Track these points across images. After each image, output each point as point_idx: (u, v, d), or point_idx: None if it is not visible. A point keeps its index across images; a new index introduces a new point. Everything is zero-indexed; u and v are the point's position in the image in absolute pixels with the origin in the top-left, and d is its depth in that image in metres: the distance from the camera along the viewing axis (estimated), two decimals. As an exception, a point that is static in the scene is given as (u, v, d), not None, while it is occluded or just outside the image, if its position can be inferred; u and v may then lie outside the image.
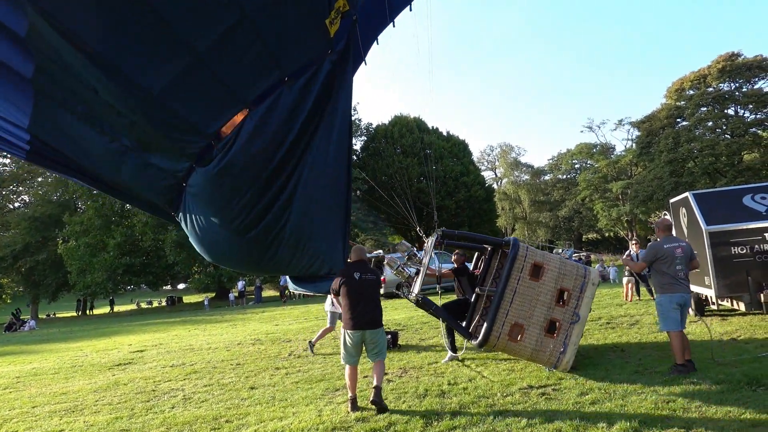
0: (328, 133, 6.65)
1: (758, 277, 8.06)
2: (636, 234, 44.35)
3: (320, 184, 6.88)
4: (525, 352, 6.25)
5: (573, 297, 6.27)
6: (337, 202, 7.38)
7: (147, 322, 22.80)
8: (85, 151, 5.94)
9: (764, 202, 8.49)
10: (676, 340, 5.83)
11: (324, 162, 6.76)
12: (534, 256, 6.44)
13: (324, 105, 6.44)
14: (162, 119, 5.57)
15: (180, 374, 8.33)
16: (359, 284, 5.64)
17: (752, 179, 30.67)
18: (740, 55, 35.60)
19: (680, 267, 5.94)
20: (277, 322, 15.81)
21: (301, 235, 7.01)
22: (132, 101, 5.29)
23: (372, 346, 5.66)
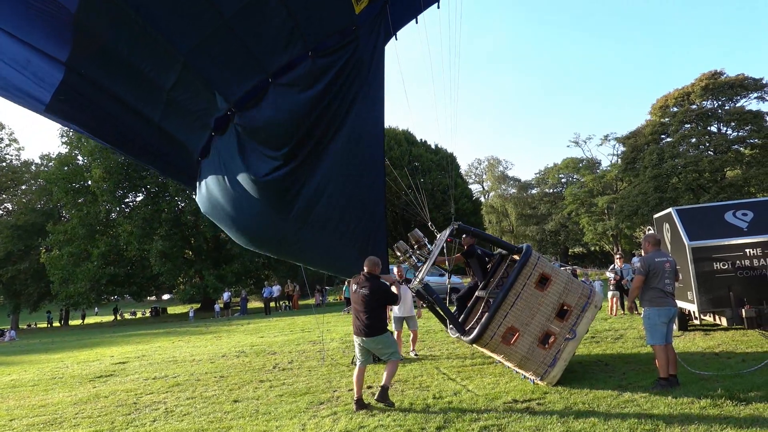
0: (364, 107, 6.56)
1: (740, 293, 8.15)
2: (621, 248, 44.71)
3: (355, 164, 6.82)
4: (515, 357, 6.25)
5: (573, 314, 6.29)
6: (372, 191, 7.24)
7: (130, 333, 22.50)
8: (126, 79, 5.78)
9: (745, 218, 8.62)
10: (661, 355, 5.87)
11: (351, 150, 6.68)
12: (543, 266, 6.47)
13: (354, 81, 6.37)
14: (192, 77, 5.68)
15: (162, 387, 8.22)
16: (355, 296, 6.21)
17: (735, 195, 31.11)
18: (723, 74, 36.26)
19: (668, 281, 6.02)
20: (262, 334, 15.69)
21: (330, 216, 6.93)
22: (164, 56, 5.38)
23: (378, 352, 6.22)
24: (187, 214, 32.83)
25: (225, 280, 31.87)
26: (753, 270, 8.13)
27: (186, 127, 6.46)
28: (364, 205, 7.34)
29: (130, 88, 5.98)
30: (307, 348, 11.40)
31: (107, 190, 31.89)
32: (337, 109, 6.40)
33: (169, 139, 6.69)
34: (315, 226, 7.00)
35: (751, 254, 8.16)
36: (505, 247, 7.40)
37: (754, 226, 8.49)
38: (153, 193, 34.62)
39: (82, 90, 5.85)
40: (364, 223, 7.49)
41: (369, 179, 7.21)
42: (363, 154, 6.94)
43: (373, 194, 7.40)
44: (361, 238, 7.57)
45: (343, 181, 6.93)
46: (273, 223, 6.99)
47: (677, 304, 6.10)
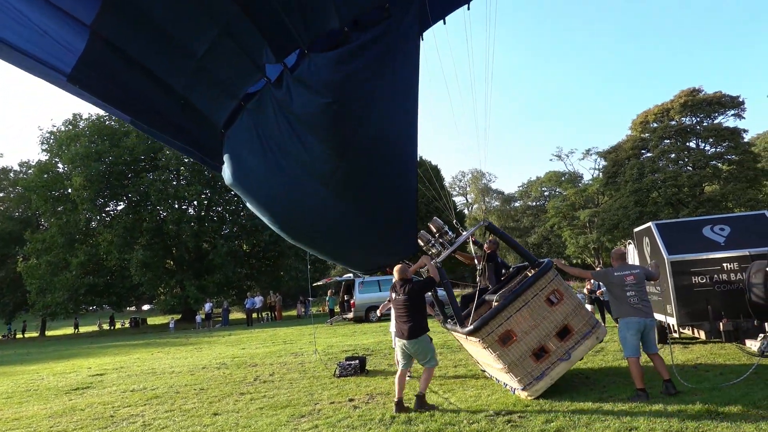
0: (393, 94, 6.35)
1: (718, 306, 8.28)
2: (602, 262, 45.18)
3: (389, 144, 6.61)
4: (505, 359, 6.24)
5: (573, 338, 6.31)
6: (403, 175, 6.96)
7: (108, 344, 22.12)
8: (154, 45, 5.58)
9: (722, 233, 8.78)
10: (634, 367, 5.96)
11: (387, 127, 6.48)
12: (559, 284, 6.51)
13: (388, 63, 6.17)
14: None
15: (140, 399, 8.08)
16: (395, 303, 6.56)
17: (713, 210, 31.70)
18: (701, 91, 37.10)
19: (631, 293, 6.11)
20: (243, 346, 15.53)
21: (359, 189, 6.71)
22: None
23: (415, 355, 6.39)
24: (169, 223, 32.48)
25: (207, 291, 31.53)
26: (730, 284, 8.26)
27: (211, 99, 6.32)
28: (396, 205, 7.15)
29: (156, 56, 5.74)
30: (288, 360, 11.31)
31: (88, 199, 31.46)
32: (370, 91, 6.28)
33: (191, 112, 6.48)
34: (350, 200, 6.81)
35: (728, 268, 8.30)
36: (528, 258, 7.29)
37: (730, 240, 8.65)
38: (134, 202, 34.23)
39: (105, 59, 5.59)
40: (394, 214, 7.27)
41: (400, 174, 6.94)
42: (393, 149, 6.79)
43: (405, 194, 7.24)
44: (391, 226, 7.28)
45: (375, 172, 6.76)
46: (309, 193, 6.82)
47: (649, 315, 6.17)
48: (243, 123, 6.49)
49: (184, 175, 34.30)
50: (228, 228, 35.88)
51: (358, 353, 10.88)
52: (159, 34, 5.55)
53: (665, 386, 6.01)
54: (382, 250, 7.71)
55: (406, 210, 7.18)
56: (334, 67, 5.90)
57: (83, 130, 33.78)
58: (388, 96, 6.32)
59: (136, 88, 6.10)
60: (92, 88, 6.03)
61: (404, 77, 6.42)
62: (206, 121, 6.60)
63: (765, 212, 9.16)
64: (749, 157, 35.26)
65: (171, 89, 6.07)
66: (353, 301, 22.06)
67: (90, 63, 5.52)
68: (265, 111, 6.24)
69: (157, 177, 32.04)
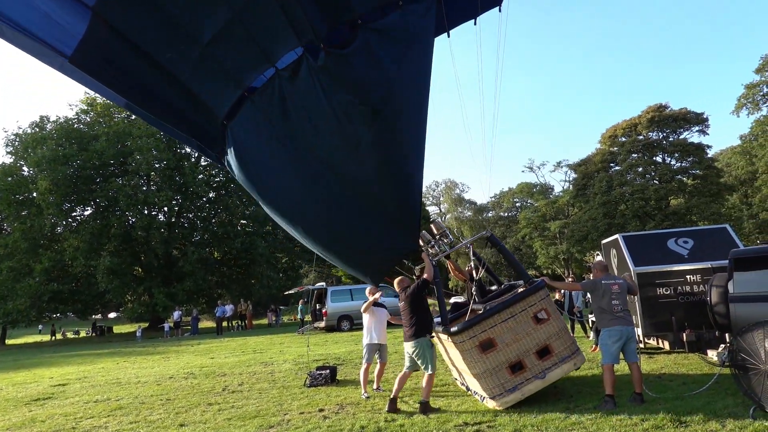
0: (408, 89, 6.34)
1: (681, 317, 8.49)
2: (572, 272, 45.91)
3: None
4: (481, 366, 6.28)
5: (551, 359, 6.36)
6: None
7: (72, 353, 21.50)
8: (159, 29, 5.43)
9: (686, 246, 9.03)
10: (608, 373, 6.11)
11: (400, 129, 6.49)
12: (548, 305, 6.57)
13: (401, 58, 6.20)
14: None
15: (104, 410, 7.88)
16: (400, 309, 6.86)
17: (678, 223, 32.55)
18: (667, 107, 38.22)
19: (617, 302, 6.26)
20: (212, 355, 15.28)
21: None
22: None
23: (415, 358, 6.59)
24: (138, 229, 31.87)
25: (176, 299, 30.97)
26: (693, 295, 8.49)
27: (214, 88, 6.21)
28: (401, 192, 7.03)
29: (160, 41, 5.59)
30: (258, 369, 11.17)
31: (53, 203, 30.67)
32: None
33: (193, 100, 6.30)
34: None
35: (692, 280, 8.54)
36: (522, 274, 7.37)
37: (693, 253, 8.90)
38: (102, 207, 33.52)
39: (106, 42, 5.43)
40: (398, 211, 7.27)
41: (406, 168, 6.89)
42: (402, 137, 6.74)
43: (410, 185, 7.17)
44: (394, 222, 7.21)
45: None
46: (320, 183, 6.73)
47: (631, 324, 6.33)
48: (248, 113, 6.40)
49: (155, 181, 33.75)
50: (199, 235, 35.39)
51: (329, 363, 10.81)
52: (164, 18, 5.42)
53: (634, 396, 6.12)
54: (386, 243, 7.58)
55: (412, 201, 7.12)
56: (352, 60, 5.93)
57: (50, 133, 32.96)
58: (400, 94, 6.36)
59: (137, 73, 5.90)
60: (93, 72, 5.83)
61: (416, 74, 6.46)
62: (208, 110, 6.47)
63: (726, 226, 9.46)
64: (713, 172, 36.39)
65: (173, 76, 5.93)
66: (325, 310, 21.93)
67: (91, 46, 5.36)
68: (272, 101, 6.20)
69: (127, 182, 31.45)
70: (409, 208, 6.92)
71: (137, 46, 5.59)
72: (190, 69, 5.86)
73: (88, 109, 34.88)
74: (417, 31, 6.21)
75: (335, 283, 39.04)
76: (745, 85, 37.50)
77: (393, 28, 6.05)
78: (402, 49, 6.21)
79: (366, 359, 7.93)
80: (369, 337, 8.01)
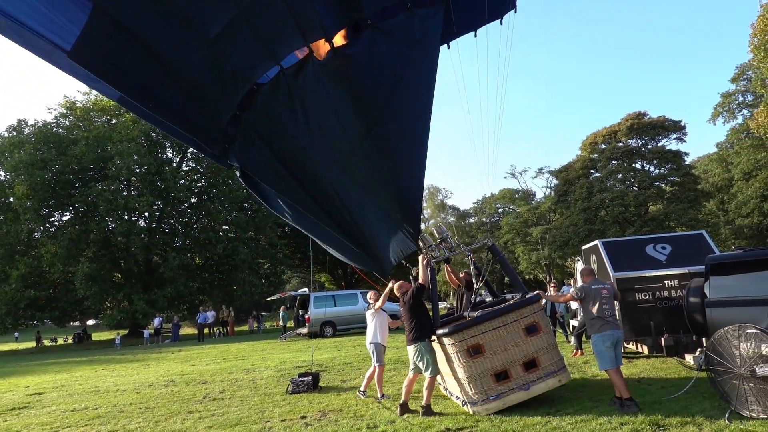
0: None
1: (659, 322, 8.62)
2: (554, 277, 46.30)
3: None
4: (466, 371, 6.32)
5: (537, 373, 6.39)
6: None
7: (49, 361, 21.08)
8: (163, 21, 5.26)
9: (664, 251, 9.18)
10: (616, 377, 6.16)
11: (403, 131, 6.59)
12: (541, 319, 6.62)
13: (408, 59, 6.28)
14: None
15: (82, 419, 7.74)
16: (402, 314, 7.09)
17: (656, 229, 33.03)
18: (646, 115, 38.84)
19: (606, 306, 6.36)
20: (193, 362, 15.11)
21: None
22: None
23: (415, 360, 6.76)
24: (118, 235, 31.40)
25: (156, 305, 30.54)
26: (671, 300, 8.63)
27: (221, 83, 6.18)
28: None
29: (165, 34, 5.43)
30: (240, 377, 11.07)
31: (31, 208, 30.11)
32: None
33: (197, 96, 6.28)
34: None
35: (669, 285, 8.68)
36: (518, 286, 7.44)
37: (671, 259, 9.06)
38: (81, 213, 32.97)
39: (107, 35, 5.21)
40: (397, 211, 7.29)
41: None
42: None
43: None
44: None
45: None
46: (331, 173, 6.80)
47: (620, 328, 6.42)
48: (259, 106, 6.38)
49: (135, 186, 33.33)
50: (180, 240, 34.98)
51: (311, 369, 10.76)
52: (169, 11, 5.30)
53: (616, 400, 6.17)
54: (386, 242, 7.59)
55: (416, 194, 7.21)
56: (357, 59, 5.95)
57: (28, 137, 32.39)
58: (404, 96, 6.43)
59: (140, 69, 5.78)
60: (92, 66, 5.68)
61: (422, 77, 6.54)
62: (212, 105, 6.43)
63: (703, 232, 9.64)
64: (690, 179, 37.02)
65: (179, 71, 5.86)
66: (308, 316, 21.83)
67: (92, 39, 5.16)
68: (279, 96, 6.19)
69: (107, 187, 30.98)
70: (409, 209, 6.99)
71: (140, 38, 5.48)
72: (195, 63, 5.83)
73: (68, 112, 34.37)
74: (424, 35, 6.32)
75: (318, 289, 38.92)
76: (721, 94, 38.33)
77: (400, 30, 6.14)
78: (408, 51, 6.30)
79: (379, 361, 7.85)
80: (373, 336, 8.00)
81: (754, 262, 6.57)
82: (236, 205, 35.28)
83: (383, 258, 7.90)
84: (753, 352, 5.12)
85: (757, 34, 22.09)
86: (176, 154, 36.86)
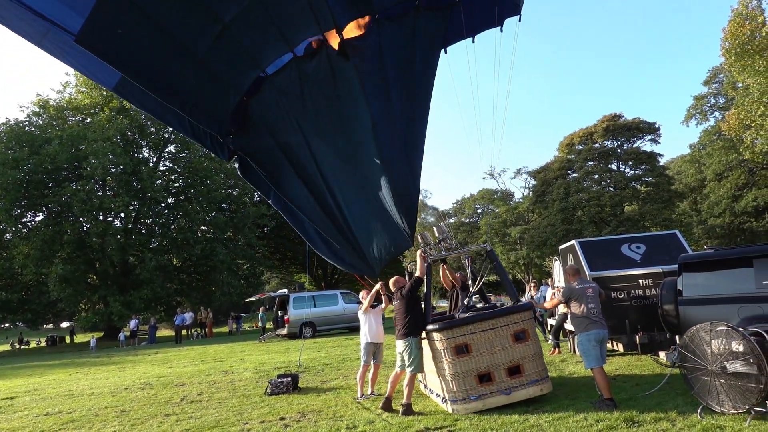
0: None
1: (634, 320, 8.77)
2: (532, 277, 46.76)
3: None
4: (451, 368, 6.38)
5: (520, 380, 6.44)
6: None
7: (21, 364, 20.61)
8: (178, 3, 5.26)
9: (639, 251, 9.34)
10: (600, 376, 6.22)
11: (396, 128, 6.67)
12: (531, 327, 6.68)
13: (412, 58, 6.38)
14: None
15: (55, 423, 7.59)
16: (395, 309, 7.07)
17: (632, 229, 33.59)
18: (621, 117, 39.49)
19: (592, 305, 6.45)
20: (170, 365, 14.92)
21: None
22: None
23: (403, 355, 6.80)
24: (93, 236, 30.85)
25: (132, 307, 30.06)
26: (645, 299, 8.79)
27: (233, 66, 6.12)
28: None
29: (179, 15, 5.38)
30: (218, 378, 10.97)
31: (2, 209, 29.38)
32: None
33: (208, 77, 6.15)
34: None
35: (644, 284, 8.83)
36: (511, 294, 7.54)
37: (646, 258, 9.22)
38: (55, 213, 32.32)
39: (119, 15, 5.14)
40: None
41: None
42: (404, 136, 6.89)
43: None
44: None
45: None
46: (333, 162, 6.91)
47: (605, 327, 6.50)
48: (268, 91, 6.48)
49: (111, 186, 32.80)
50: (157, 241, 34.50)
51: (290, 370, 10.71)
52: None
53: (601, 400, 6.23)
54: (382, 235, 7.62)
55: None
56: (364, 52, 6.08)
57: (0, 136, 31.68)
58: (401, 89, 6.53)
59: (150, 51, 5.68)
60: (99, 52, 5.47)
61: (422, 73, 6.62)
62: (222, 89, 6.38)
63: (676, 232, 9.83)
64: (664, 180, 37.74)
65: (191, 53, 5.79)
66: (287, 317, 21.70)
67: (102, 19, 5.10)
68: (288, 84, 6.28)
69: (81, 187, 30.40)
70: (407, 201, 7.06)
71: (152, 18, 5.39)
72: (209, 45, 5.79)
73: (41, 111, 33.66)
74: (427, 35, 6.41)
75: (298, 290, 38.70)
76: (694, 97, 39.18)
77: (406, 28, 6.23)
78: (411, 49, 6.40)
79: (364, 360, 7.91)
80: (366, 336, 7.91)
81: (725, 261, 6.73)
82: (214, 205, 34.94)
83: (373, 258, 7.89)
84: (724, 349, 5.23)
85: (728, 38, 22.59)
86: (153, 153, 36.39)
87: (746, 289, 6.22)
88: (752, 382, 5.00)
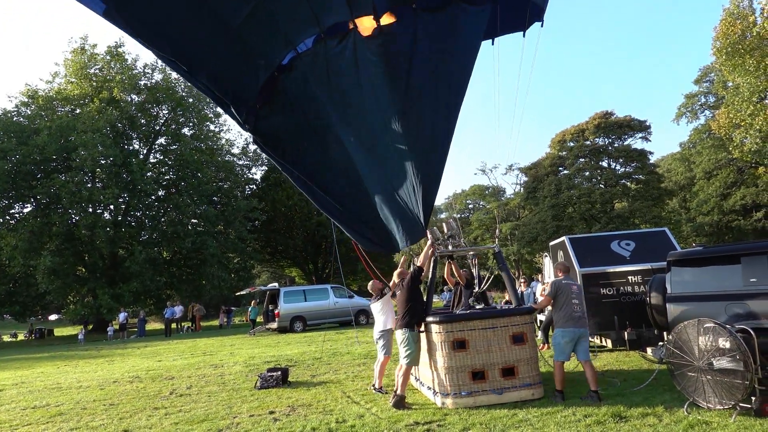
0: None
1: (623, 316, 8.84)
2: (522, 272, 46.98)
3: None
4: (446, 362, 6.42)
5: (513, 381, 6.47)
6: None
7: (8, 357, 20.46)
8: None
9: (628, 248, 9.41)
10: (558, 370, 6.43)
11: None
12: (529, 331, 6.69)
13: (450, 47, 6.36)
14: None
15: (43, 417, 7.55)
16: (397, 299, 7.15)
17: (622, 226, 33.78)
18: (613, 114, 39.64)
19: (576, 302, 6.54)
20: (160, 358, 14.86)
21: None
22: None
23: (399, 345, 6.86)
24: (82, 228, 30.59)
25: (121, 300, 29.88)
26: (634, 296, 8.86)
27: (267, 40, 6.11)
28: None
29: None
30: (207, 372, 10.94)
31: (-11, 200, 29.14)
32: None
33: (241, 50, 6.19)
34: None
35: (633, 281, 8.90)
36: (514, 297, 7.58)
37: (635, 255, 9.29)
38: (43, 205, 32.01)
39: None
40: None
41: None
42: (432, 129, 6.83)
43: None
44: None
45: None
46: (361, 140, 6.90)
47: (585, 326, 6.57)
48: (299, 69, 6.53)
49: (101, 178, 32.53)
50: (147, 234, 34.26)
51: (280, 364, 10.71)
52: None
53: (590, 394, 6.28)
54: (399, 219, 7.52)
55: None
56: (399, 39, 6.09)
57: (-13, 126, 31.30)
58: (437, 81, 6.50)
59: (182, 21, 5.77)
60: (129, 23, 5.55)
61: (457, 68, 6.56)
62: (254, 63, 6.43)
63: (665, 229, 9.91)
64: (654, 178, 38.00)
65: (225, 24, 5.82)
66: (278, 310, 21.68)
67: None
68: (316, 65, 6.30)
69: (70, 178, 30.12)
70: (426, 192, 7.00)
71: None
72: (244, 18, 5.83)
73: (29, 101, 33.27)
74: (465, 28, 6.42)
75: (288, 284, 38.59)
76: (685, 95, 39.43)
77: (444, 19, 6.22)
78: (448, 41, 6.40)
79: (385, 350, 7.52)
80: (384, 324, 7.52)
81: (713, 258, 6.79)
82: (205, 198, 34.73)
83: (391, 233, 7.58)
84: (711, 346, 5.29)
85: (720, 37, 22.74)
86: (143, 145, 36.13)
87: (733, 286, 6.28)
88: (738, 378, 5.06)
